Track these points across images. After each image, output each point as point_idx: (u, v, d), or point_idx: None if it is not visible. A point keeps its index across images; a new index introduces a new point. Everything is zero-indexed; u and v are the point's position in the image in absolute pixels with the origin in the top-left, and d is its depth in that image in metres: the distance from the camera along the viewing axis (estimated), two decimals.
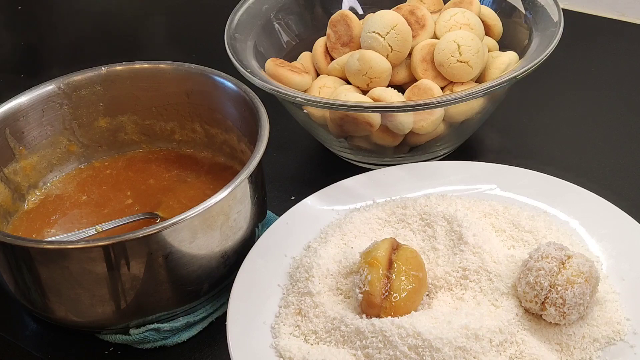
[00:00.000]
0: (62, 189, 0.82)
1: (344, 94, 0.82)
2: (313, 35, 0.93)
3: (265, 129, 0.72)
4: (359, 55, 0.84)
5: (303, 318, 0.66)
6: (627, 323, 0.63)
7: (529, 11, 0.88)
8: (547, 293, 0.62)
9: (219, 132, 0.82)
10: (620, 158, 0.88)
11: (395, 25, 0.83)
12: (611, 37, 1.09)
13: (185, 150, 0.85)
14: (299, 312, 0.66)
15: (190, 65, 0.82)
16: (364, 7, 0.98)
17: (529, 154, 0.89)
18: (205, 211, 0.65)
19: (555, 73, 0.98)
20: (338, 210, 0.77)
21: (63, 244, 0.67)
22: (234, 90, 0.78)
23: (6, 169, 0.78)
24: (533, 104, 0.97)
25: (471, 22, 0.85)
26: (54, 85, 0.81)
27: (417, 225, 0.73)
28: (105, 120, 0.84)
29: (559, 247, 0.64)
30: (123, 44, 1.19)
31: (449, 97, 0.76)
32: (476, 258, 0.68)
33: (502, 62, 0.84)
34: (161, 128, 0.85)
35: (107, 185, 0.82)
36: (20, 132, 0.79)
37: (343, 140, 0.85)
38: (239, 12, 0.90)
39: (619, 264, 0.68)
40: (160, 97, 0.83)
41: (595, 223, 0.72)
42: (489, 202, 0.75)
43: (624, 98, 0.97)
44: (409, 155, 0.85)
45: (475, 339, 0.60)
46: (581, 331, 0.63)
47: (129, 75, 0.83)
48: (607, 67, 1.03)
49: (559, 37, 0.81)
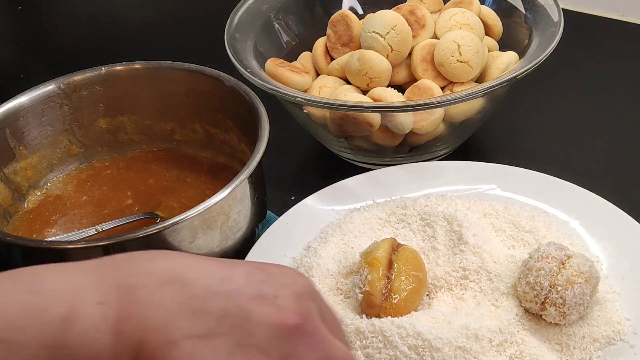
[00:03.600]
0: (62, 189, 0.82)
1: (344, 94, 0.82)
2: (313, 35, 0.93)
3: (265, 129, 0.72)
4: (359, 55, 0.84)
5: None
6: (627, 323, 0.63)
7: (529, 11, 0.88)
8: (547, 293, 0.62)
9: (219, 132, 0.82)
10: (620, 158, 0.88)
11: (395, 25, 0.83)
12: (611, 37, 1.09)
13: (185, 150, 0.85)
14: None
15: (190, 65, 0.82)
16: (364, 7, 0.97)
17: (529, 154, 0.89)
18: (205, 211, 0.65)
19: (555, 73, 0.97)
20: (338, 210, 0.77)
21: (63, 244, 0.67)
22: (234, 91, 0.78)
23: (6, 169, 0.78)
24: (533, 103, 0.97)
25: (471, 22, 0.85)
26: (54, 85, 0.81)
27: (417, 225, 0.73)
28: (105, 121, 0.84)
29: (559, 247, 0.64)
30: (123, 44, 1.19)
31: (449, 97, 0.76)
32: (476, 258, 0.68)
33: (502, 62, 0.84)
34: (161, 128, 0.85)
35: (107, 185, 0.82)
36: (20, 132, 0.79)
37: (343, 140, 0.85)
38: (239, 12, 0.90)
39: (619, 264, 0.68)
40: (160, 97, 0.83)
41: (595, 223, 0.72)
42: (489, 202, 0.75)
43: (624, 98, 0.97)
44: (409, 155, 0.85)
45: (475, 339, 0.60)
46: (581, 331, 0.63)
47: (129, 75, 0.82)
48: (607, 67, 1.03)
49: (559, 37, 0.81)
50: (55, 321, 0.41)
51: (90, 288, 0.42)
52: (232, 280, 0.43)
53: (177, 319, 0.41)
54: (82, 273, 0.43)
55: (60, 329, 0.40)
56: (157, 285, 0.42)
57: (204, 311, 0.41)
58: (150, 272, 0.43)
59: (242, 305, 0.42)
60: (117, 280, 0.42)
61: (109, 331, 0.41)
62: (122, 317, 0.41)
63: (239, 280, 0.43)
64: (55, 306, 0.41)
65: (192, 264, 0.43)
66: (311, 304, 0.43)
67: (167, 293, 0.42)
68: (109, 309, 0.41)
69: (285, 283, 0.43)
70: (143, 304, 0.41)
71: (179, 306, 0.41)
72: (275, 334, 0.41)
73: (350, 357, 0.44)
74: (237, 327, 0.41)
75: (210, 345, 0.41)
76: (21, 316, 0.40)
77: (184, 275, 0.42)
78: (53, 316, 0.41)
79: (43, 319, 0.40)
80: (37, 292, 0.41)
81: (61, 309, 0.41)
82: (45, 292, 0.41)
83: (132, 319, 0.41)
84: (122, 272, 0.43)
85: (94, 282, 0.42)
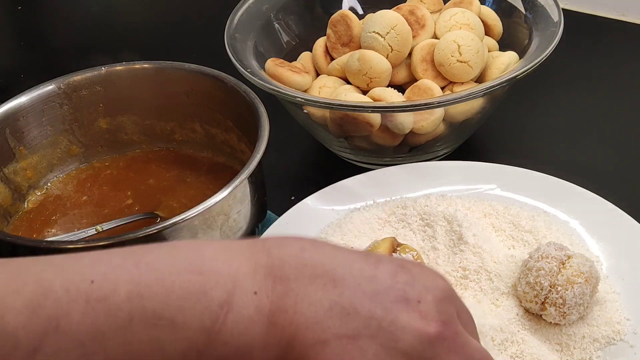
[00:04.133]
0: (62, 189, 0.82)
1: (344, 94, 0.82)
2: (313, 35, 0.93)
3: (265, 129, 0.72)
4: (359, 55, 0.84)
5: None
6: (627, 323, 0.63)
7: (529, 11, 0.88)
8: (547, 293, 0.62)
9: (219, 132, 0.82)
10: (620, 158, 0.88)
11: (395, 25, 0.83)
12: (611, 37, 1.09)
13: (185, 150, 0.85)
14: None
15: (190, 65, 0.82)
16: (364, 7, 0.97)
17: (529, 154, 0.89)
18: (205, 211, 0.64)
19: (555, 73, 0.97)
20: (338, 210, 0.77)
21: (63, 244, 0.67)
22: (234, 90, 0.78)
23: (6, 169, 0.78)
24: (533, 104, 0.97)
25: (471, 22, 0.85)
26: (54, 85, 0.81)
27: (417, 225, 0.73)
28: (105, 121, 0.84)
29: (559, 247, 0.64)
30: (123, 44, 1.19)
31: (449, 97, 0.76)
32: (476, 258, 0.68)
33: (502, 62, 0.84)
34: (161, 128, 0.85)
35: (107, 185, 0.82)
36: (20, 132, 0.79)
37: (343, 140, 0.85)
38: (239, 12, 0.90)
39: (619, 264, 0.68)
40: (160, 97, 0.83)
41: (595, 223, 0.72)
42: (489, 202, 0.75)
43: (624, 98, 0.97)
44: (409, 155, 0.85)
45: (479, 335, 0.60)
46: (581, 331, 0.63)
47: (129, 75, 0.82)
48: (607, 67, 1.03)
49: (559, 37, 0.81)
50: (214, 306, 0.40)
51: (246, 274, 0.42)
52: (378, 279, 0.43)
53: (328, 317, 0.41)
54: (239, 255, 0.43)
55: (218, 314, 0.40)
56: (308, 279, 0.42)
57: (353, 311, 0.41)
58: (302, 264, 0.43)
59: (389, 308, 0.42)
60: (271, 270, 0.42)
61: (263, 322, 0.41)
62: (276, 309, 0.41)
63: (385, 280, 0.43)
64: (216, 289, 0.41)
65: (339, 258, 0.44)
66: (451, 308, 0.44)
67: (318, 289, 0.42)
68: (264, 299, 0.41)
69: (428, 286, 0.44)
70: (296, 297, 0.42)
71: (329, 304, 0.41)
72: (418, 339, 0.42)
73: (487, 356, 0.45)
74: (383, 330, 0.41)
75: (358, 346, 0.41)
76: (183, 296, 0.40)
77: (334, 271, 0.43)
78: (212, 301, 0.41)
79: (203, 302, 0.40)
80: (199, 272, 0.41)
81: (221, 295, 0.41)
82: (205, 273, 0.41)
83: (286, 312, 0.41)
84: (275, 261, 0.43)
85: (249, 267, 0.42)
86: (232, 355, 0.41)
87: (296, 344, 0.41)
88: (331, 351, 0.41)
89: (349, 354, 0.41)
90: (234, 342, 0.41)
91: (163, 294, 0.40)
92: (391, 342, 0.41)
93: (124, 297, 0.39)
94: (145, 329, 0.39)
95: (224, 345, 0.41)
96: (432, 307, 0.43)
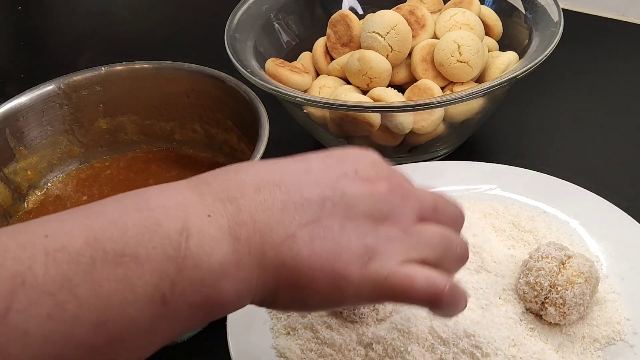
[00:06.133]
0: (62, 189, 0.82)
1: (344, 94, 0.82)
2: (313, 35, 0.93)
3: (265, 129, 0.72)
4: (359, 55, 0.84)
5: (304, 318, 0.66)
6: (627, 323, 0.63)
7: (529, 11, 0.88)
8: (547, 293, 0.62)
9: (219, 132, 0.82)
10: (620, 158, 0.88)
11: (395, 25, 0.83)
12: (611, 37, 1.09)
13: (185, 150, 0.85)
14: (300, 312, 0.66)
15: (190, 65, 0.82)
16: (364, 7, 0.98)
17: (529, 154, 0.89)
18: None
19: (555, 73, 0.98)
20: None
21: None
22: (234, 90, 0.78)
23: (6, 169, 0.78)
24: (533, 104, 0.97)
25: (471, 22, 0.85)
26: (54, 85, 0.81)
27: None
28: (105, 121, 0.84)
29: (559, 247, 0.64)
30: (123, 44, 1.19)
31: (449, 97, 0.76)
32: (476, 258, 0.68)
33: (502, 62, 0.84)
34: (161, 128, 0.85)
35: (107, 185, 0.82)
36: (20, 132, 0.79)
37: (343, 140, 0.85)
38: (239, 12, 0.90)
39: (619, 264, 0.68)
40: (160, 97, 0.83)
41: (595, 223, 0.72)
42: (489, 202, 0.75)
43: (624, 98, 0.97)
44: (409, 155, 0.85)
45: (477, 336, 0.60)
46: (581, 331, 0.63)
47: (129, 75, 0.83)
48: (607, 67, 1.03)
49: (559, 37, 0.81)
50: (172, 234, 0.41)
51: (194, 202, 0.43)
52: (313, 170, 0.46)
53: (286, 215, 0.44)
54: (181, 189, 0.45)
55: (178, 241, 0.41)
56: (253, 192, 0.44)
57: (305, 200, 0.45)
58: (242, 183, 0.45)
59: (334, 186, 0.46)
60: (217, 195, 0.44)
61: (227, 239, 0.42)
62: (234, 224, 0.43)
63: (319, 168, 0.47)
64: (169, 220, 0.42)
65: (272, 167, 0.46)
66: (386, 167, 0.49)
67: (266, 196, 0.44)
68: (220, 218, 0.43)
69: (358, 158, 0.48)
70: (249, 210, 0.43)
71: (282, 204, 0.44)
72: (371, 200, 0.46)
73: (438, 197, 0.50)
74: (338, 205, 0.45)
75: (324, 226, 0.44)
76: (139, 232, 0.41)
77: (272, 177, 0.45)
78: (169, 230, 0.41)
79: (160, 233, 0.41)
80: (147, 209, 0.42)
81: (175, 224, 0.42)
82: (154, 209, 0.42)
83: (245, 224, 0.43)
84: (216, 187, 0.44)
85: (195, 196, 0.44)
86: (207, 279, 0.42)
87: (267, 249, 0.43)
88: (302, 240, 0.44)
89: (318, 235, 0.44)
90: (203, 265, 0.42)
91: (119, 234, 0.41)
92: (350, 211, 0.45)
93: (82, 243, 0.40)
94: (111, 268, 0.40)
95: (194, 269, 0.41)
96: (370, 170, 0.47)
